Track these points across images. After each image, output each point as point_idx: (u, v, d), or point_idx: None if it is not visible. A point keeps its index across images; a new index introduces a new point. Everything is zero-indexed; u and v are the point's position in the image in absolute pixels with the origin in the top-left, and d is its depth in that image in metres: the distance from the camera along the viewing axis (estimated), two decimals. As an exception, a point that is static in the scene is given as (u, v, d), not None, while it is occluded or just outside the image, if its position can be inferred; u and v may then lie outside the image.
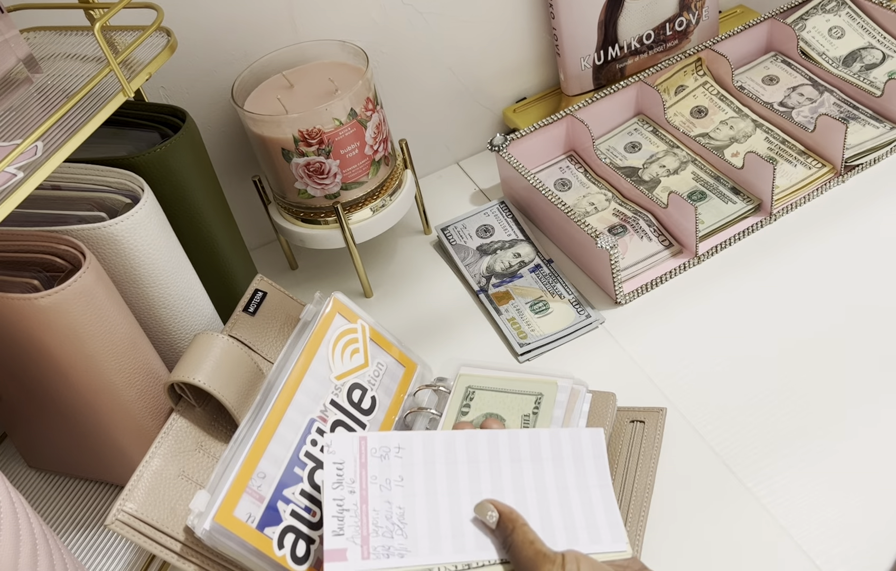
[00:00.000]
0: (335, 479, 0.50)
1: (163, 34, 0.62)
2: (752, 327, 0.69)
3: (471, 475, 0.52)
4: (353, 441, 0.52)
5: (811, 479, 0.58)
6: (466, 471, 0.52)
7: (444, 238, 0.83)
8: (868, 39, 0.92)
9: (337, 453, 0.52)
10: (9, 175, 0.50)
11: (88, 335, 0.54)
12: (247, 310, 0.64)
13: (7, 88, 0.59)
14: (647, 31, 0.92)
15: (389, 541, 0.49)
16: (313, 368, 0.59)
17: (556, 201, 0.76)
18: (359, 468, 0.51)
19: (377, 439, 0.53)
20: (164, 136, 0.65)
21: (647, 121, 0.90)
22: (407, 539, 0.49)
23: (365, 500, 0.50)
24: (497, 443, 0.54)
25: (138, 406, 0.58)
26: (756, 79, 0.92)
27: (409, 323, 0.77)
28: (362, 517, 0.50)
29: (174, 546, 0.52)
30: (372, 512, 0.50)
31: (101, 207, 0.60)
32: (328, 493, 0.50)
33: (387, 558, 0.48)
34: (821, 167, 0.80)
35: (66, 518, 0.66)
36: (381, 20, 0.82)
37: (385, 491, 0.51)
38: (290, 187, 0.74)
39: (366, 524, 0.49)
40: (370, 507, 0.50)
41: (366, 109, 0.71)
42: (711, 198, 0.80)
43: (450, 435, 0.54)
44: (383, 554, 0.48)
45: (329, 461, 0.51)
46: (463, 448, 0.54)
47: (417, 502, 0.51)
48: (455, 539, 0.50)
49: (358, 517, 0.49)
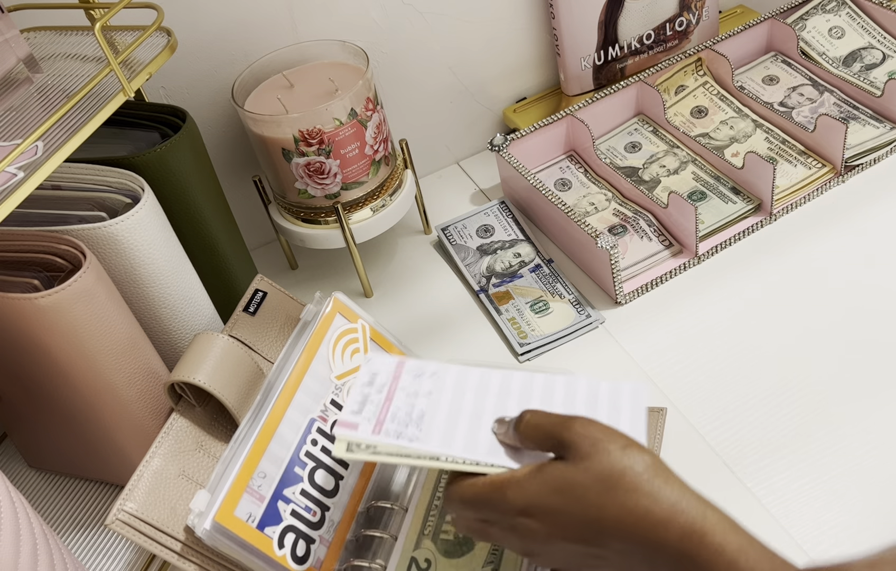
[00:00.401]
0: (368, 379, 0.53)
1: (163, 34, 0.62)
2: (752, 327, 0.69)
3: (497, 408, 0.51)
4: (392, 361, 0.55)
5: (811, 479, 0.58)
6: (493, 403, 0.52)
7: (445, 238, 0.83)
8: (868, 39, 0.92)
9: (374, 364, 0.55)
10: (9, 175, 0.50)
11: (88, 335, 0.54)
12: (247, 310, 0.64)
13: (7, 88, 0.59)
14: (647, 31, 0.92)
15: (403, 429, 0.50)
16: (314, 368, 0.59)
17: (556, 201, 0.76)
18: (391, 380, 0.54)
19: (417, 363, 0.55)
20: (165, 136, 0.65)
21: (647, 121, 0.90)
22: (420, 432, 0.50)
23: (389, 400, 0.52)
24: (531, 385, 0.52)
25: (138, 406, 0.58)
26: (756, 79, 0.92)
27: (409, 323, 0.77)
28: (382, 409, 0.52)
29: (174, 545, 0.52)
30: (392, 408, 0.52)
31: (101, 207, 0.60)
32: (358, 387, 0.52)
33: (396, 439, 0.50)
34: (821, 167, 0.80)
35: (66, 518, 0.66)
36: (381, 20, 0.82)
37: (411, 399, 0.52)
38: (291, 187, 0.74)
39: (384, 413, 0.51)
40: (392, 405, 0.52)
41: (366, 109, 0.71)
42: (711, 198, 0.80)
43: (486, 371, 0.54)
44: (393, 436, 0.50)
45: (365, 369, 0.54)
46: (496, 383, 0.53)
47: (439, 415, 0.51)
48: (467, 444, 0.49)
49: (378, 408, 0.52)
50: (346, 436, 0.49)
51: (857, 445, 0.59)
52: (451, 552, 0.54)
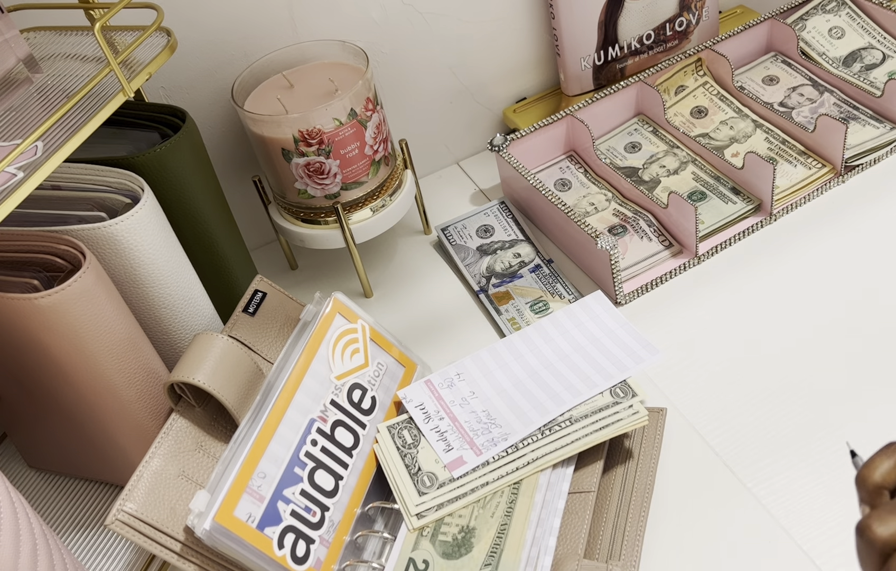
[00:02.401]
0: (423, 416, 0.61)
1: (163, 34, 0.62)
2: (753, 328, 0.69)
3: (520, 364, 0.65)
4: (422, 386, 0.63)
5: (811, 479, 0.58)
6: (516, 363, 0.65)
7: (444, 238, 0.83)
8: (868, 40, 0.92)
9: (414, 398, 0.62)
10: (9, 175, 0.50)
11: (88, 335, 0.54)
12: (246, 310, 0.64)
13: (7, 88, 0.59)
14: (647, 31, 0.92)
15: (490, 435, 0.59)
16: (313, 368, 0.59)
17: (556, 201, 0.76)
18: (436, 400, 0.62)
19: (438, 375, 0.64)
20: (164, 136, 0.65)
21: (647, 121, 0.90)
22: (502, 428, 0.59)
23: (454, 418, 0.60)
24: (529, 335, 0.67)
25: (138, 406, 0.58)
26: (756, 79, 0.92)
27: (409, 323, 0.77)
28: (460, 430, 0.60)
29: (174, 546, 0.52)
30: (465, 424, 0.60)
31: (101, 207, 0.60)
32: (425, 430, 0.60)
33: (495, 446, 0.58)
34: (821, 167, 0.80)
35: (66, 518, 0.66)
36: (381, 20, 0.82)
37: (465, 405, 0.62)
38: (290, 187, 0.74)
39: (465, 433, 0.59)
40: (461, 421, 0.60)
41: (366, 109, 0.71)
42: (711, 198, 0.80)
43: (491, 348, 0.67)
44: (491, 445, 0.58)
45: (412, 407, 0.61)
46: (506, 350, 0.66)
47: (493, 400, 0.62)
48: (535, 408, 0.60)
49: (457, 432, 0.60)
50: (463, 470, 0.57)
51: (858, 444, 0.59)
52: (450, 553, 0.54)
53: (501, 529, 0.54)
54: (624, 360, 0.62)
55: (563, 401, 0.60)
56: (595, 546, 0.56)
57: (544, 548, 0.54)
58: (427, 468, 0.58)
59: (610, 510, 0.57)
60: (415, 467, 0.58)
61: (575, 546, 0.54)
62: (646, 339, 0.64)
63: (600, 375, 0.61)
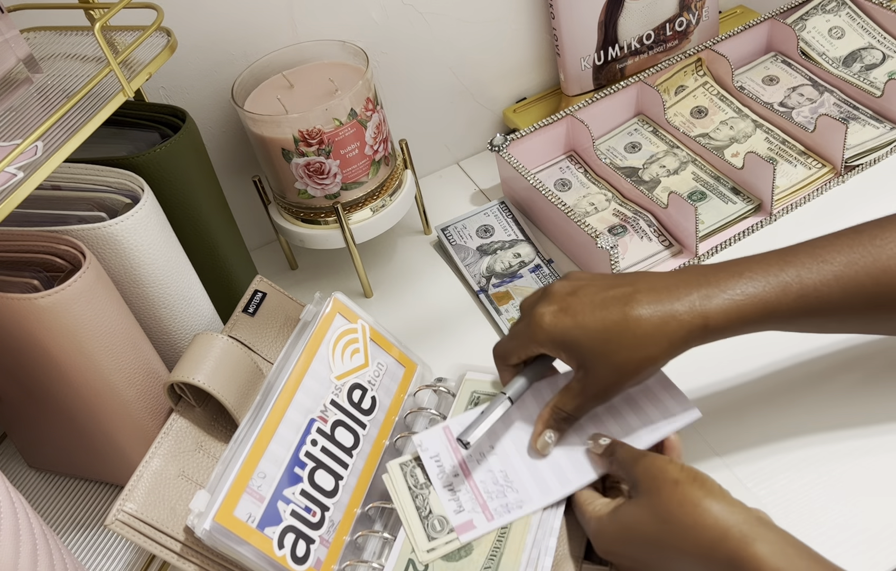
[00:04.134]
0: (437, 470, 0.57)
1: (163, 34, 0.62)
2: (752, 328, 0.69)
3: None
4: (439, 434, 0.59)
5: (811, 479, 0.58)
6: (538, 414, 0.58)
7: (444, 238, 0.83)
8: (868, 40, 0.92)
9: (430, 448, 0.58)
10: (9, 175, 0.50)
11: (88, 335, 0.54)
12: (246, 311, 0.64)
13: (7, 88, 0.59)
14: (647, 31, 0.92)
15: (504, 499, 0.55)
16: (313, 368, 0.59)
17: (556, 201, 0.76)
18: (453, 452, 0.58)
19: (457, 423, 0.59)
20: (164, 136, 0.65)
21: (647, 121, 0.90)
22: (519, 493, 0.55)
23: (469, 476, 0.57)
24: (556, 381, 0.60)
25: (138, 406, 0.58)
26: (756, 79, 0.92)
27: (409, 323, 0.77)
28: (474, 490, 0.56)
29: (174, 546, 0.52)
30: (480, 484, 0.56)
31: (101, 208, 0.60)
32: (437, 483, 0.56)
33: (508, 513, 0.55)
34: (821, 167, 0.80)
35: (66, 518, 0.66)
36: (381, 20, 0.82)
37: (483, 463, 0.57)
38: (290, 187, 0.74)
39: (479, 494, 0.56)
40: (477, 480, 0.56)
41: (366, 109, 0.71)
42: (711, 198, 0.80)
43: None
44: (504, 512, 0.55)
45: (426, 458, 0.58)
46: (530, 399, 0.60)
47: (513, 460, 0.57)
48: (556, 475, 0.55)
49: (470, 492, 0.56)
50: (472, 535, 0.54)
51: (858, 445, 0.59)
52: (449, 556, 0.54)
53: (501, 532, 0.54)
54: (657, 420, 0.56)
55: (585, 471, 0.55)
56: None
57: (545, 549, 0.54)
58: (438, 511, 0.55)
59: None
60: (426, 509, 0.55)
61: (575, 548, 0.54)
62: (681, 393, 0.57)
63: (631, 439, 0.55)
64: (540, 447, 0.56)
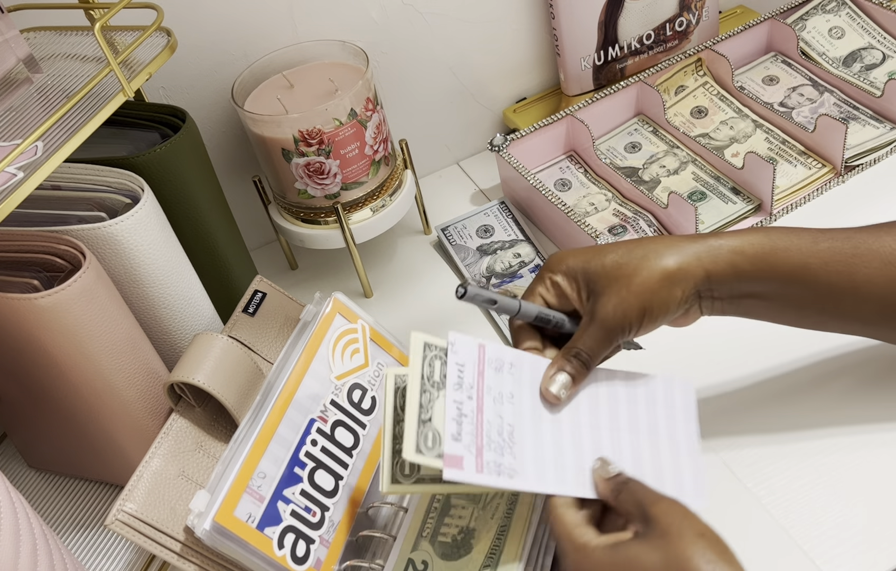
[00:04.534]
0: (457, 380, 0.50)
1: (163, 34, 0.62)
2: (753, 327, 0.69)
3: (571, 408, 0.54)
4: (474, 347, 0.53)
5: (811, 479, 0.58)
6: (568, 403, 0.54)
7: (444, 238, 0.83)
8: (868, 40, 0.92)
9: (460, 353, 0.52)
10: (9, 175, 0.50)
11: (88, 336, 0.54)
12: (246, 311, 0.64)
13: (7, 88, 0.59)
14: (647, 31, 0.92)
15: (500, 458, 0.50)
16: (313, 368, 0.59)
17: (556, 201, 0.76)
18: (477, 376, 0.52)
19: (494, 349, 0.53)
20: (164, 136, 0.65)
21: (647, 121, 0.90)
22: (515, 460, 0.50)
23: (480, 410, 0.50)
24: (597, 380, 0.56)
25: (138, 406, 0.58)
26: (756, 79, 0.92)
27: (409, 323, 0.77)
28: (478, 426, 0.50)
29: (174, 546, 0.52)
30: (486, 424, 0.50)
31: (101, 208, 0.60)
32: (451, 393, 0.50)
33: (497, 475, 0.49)
34: (821, 167, 0.80)
35: (66, 518, 0.66)
36: (381, 20, 0.82)
37: (498, 405, 0.51)
38: (290, 187, 0.74)
39: (480, 435, 0.50)
40: (485, 418, 0.50)
41: (366, 109, 0.71)
42: (711, 198, 0.80)
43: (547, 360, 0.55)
44: (495, 471, 0.49)
45: (452, 362, 0.51)
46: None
47: (525, 423, 0.52)
48: (557, 469, 0.51)
49: (474, 425, 0.50)
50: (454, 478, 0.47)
51: (858, 445, 0.59)
52: (449, 555, 0.54)
53: (501, 530, 0.54)
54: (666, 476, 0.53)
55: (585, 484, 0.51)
56: (595, 546, 0.56)
57: (545, 549, 0.54)
58: (437, 424, 0.49)
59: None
60: (427, 411, 0.49)
61: (575, 546, 0.54)
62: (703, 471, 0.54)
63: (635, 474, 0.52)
64: (552, 391, 0.53)
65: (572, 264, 0.55)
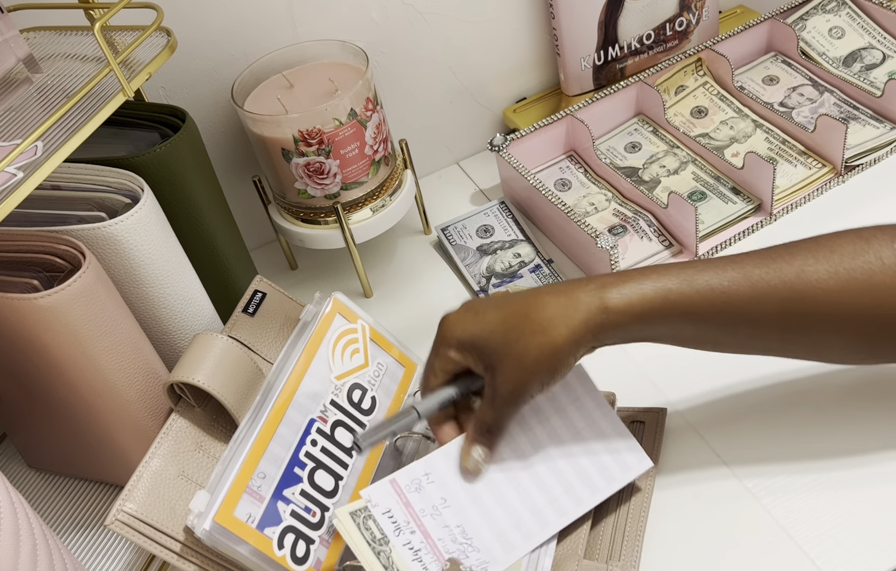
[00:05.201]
0: (392, 526, 0.52)
1: (163, 34, 0.62)
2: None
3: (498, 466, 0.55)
4: (387, 487, 0.53)
5: (811, 479, 0.58)
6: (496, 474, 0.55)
7: (444, 238, 0.83)
8: (868, 40, 0.92)
9: (380, 503, 0.52)
10: (9, 175, 0.50)
11: (88, 336, 0.54)
12: (246, 311, 0.64)
13: (7, 88, 0.59)
14: (647, 31, 0.92)
15: (467, 560, 0.51)
16: (313, 368, 0.59)
17: (556, 201, 0.76)
18: (405, 508, 0.53)
19: (405, 475, 0.54)
20: (164, 136, 0.65)
21: (647, 121, 0.90)
22: (481, 552, 0.52)
23: (427, 534, 0.52)
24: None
25: (138, 406, 0.58)
26: (756, 79, 0.92)
27: (409, 323, 0.77)
28: (434, 550, 0.51)
29: (174, 546, 0.52)
30: (439, 543, 0.52)
31: (101, 208, 0.60)
32: (396, 541, 0.51)
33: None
34: (821, 167, 0.80)
35: (66, 518, 0.66)
36: (381, 20, 0.82)
37: (437, 518, 0.53)
38: (290, 187, 0.74)
39: (440, 555, 0.51)
40: (434, 538, 0.52)
41: (366, 109, 0.71)
42: (711, 198, 0.80)
43: (460, 439, 0.56)
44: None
45: (378, 514, 0.52)
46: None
47: (468, 512, 0.53)
48: (518, 528, 0.53)
49: (431, 551, 0.51)
50: None
51: (858, 445, 0.59)
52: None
53: None
54: (612, 468, 0.56)
55: (548, 523, 0.54)
56: (595, 546, 0.56)
57: (544, 549, 0.54)
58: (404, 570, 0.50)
59: (610, 510, 0.57)
60: (392, 567, 0.50)
61: (575, 547, 0.54)
62: (632, 438, 0.57)
63: (586, 487, 0.55)
64: (471, 468, 0.54)
65: (460, 336, 0.53)
